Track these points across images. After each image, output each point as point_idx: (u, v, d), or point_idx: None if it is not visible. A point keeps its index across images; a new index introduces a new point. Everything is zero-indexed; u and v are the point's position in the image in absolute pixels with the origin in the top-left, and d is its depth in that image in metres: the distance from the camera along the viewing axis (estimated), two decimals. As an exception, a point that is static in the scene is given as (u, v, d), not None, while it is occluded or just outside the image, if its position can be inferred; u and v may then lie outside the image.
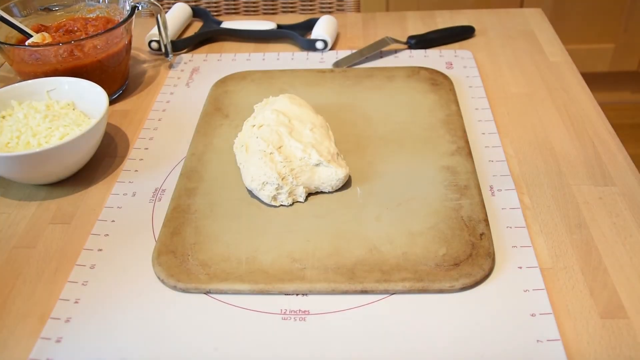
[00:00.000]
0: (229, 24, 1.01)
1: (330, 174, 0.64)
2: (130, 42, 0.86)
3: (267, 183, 0.63)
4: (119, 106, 0.85)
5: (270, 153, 0.64)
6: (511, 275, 0.56)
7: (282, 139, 0.66)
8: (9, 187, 0.70)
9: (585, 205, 0.64)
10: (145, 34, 0.97)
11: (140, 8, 0.86)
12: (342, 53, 0.94)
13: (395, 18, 1.04)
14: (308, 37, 0.97)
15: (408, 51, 0.94)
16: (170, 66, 0.94)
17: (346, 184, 0.66)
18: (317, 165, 0.64)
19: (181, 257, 0.59)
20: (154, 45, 0.96)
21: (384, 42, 0.94)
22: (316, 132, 0.67)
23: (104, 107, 0.70)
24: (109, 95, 0.76)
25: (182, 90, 0.88)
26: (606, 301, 0.54)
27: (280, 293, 0.56)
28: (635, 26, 1.95)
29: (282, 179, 0.63)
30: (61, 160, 0.67)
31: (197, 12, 1.07)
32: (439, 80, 0.84)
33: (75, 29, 0.86)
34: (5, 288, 0.58)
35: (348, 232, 0.61)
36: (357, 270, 0.56)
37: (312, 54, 0.95)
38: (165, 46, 0.91)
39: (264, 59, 0.94)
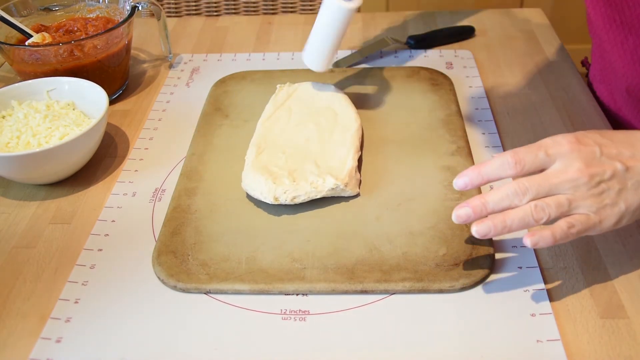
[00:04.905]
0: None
1: (340, 192, 0.63)
2: (130, 42, 0.86)
3: (264, 196, 0.62)
4: (119, 106, 0.85)
5: (279, 175, 0.63)
6: (511, 275, 0.56)
7: (304, 157, 0.65)
8: (9, 187, 0.70)
9: (585, 205, 0.64)
10: (145, 34, 0.97)
11: (140, 8, 0.86)
12: (342, 53, 0.94)
13: (395, 18, 1.04)
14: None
15: (408, 51, 0.94)
16: (170, 66, 0.94)
17: (346, 184, 0.66)
18: (332, 189, 0.63)
19: (181, 257, 0.59)
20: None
21: (384, 42, 0.94)
22: (350, 139, 0.67)
23: (104, 107, 0.70)
24: (109, 95, 0.76)
25: (182, 90, 0.88)
26: (606, 301, 0.54)
27: (280, 293, 0.56)
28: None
29: (284, 193, 0.61)
30: (61, 160, 0.67)
31: None
32: (439, 80, 0.83)
33: (75, 29, 0.86)
34: (5, 288, 0.58)
35: (348, 232, 0.61)
36: (357, 270, 0.56)
37: (312, 54, 0.95)
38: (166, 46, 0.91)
39: (264, 59, 0.94)
